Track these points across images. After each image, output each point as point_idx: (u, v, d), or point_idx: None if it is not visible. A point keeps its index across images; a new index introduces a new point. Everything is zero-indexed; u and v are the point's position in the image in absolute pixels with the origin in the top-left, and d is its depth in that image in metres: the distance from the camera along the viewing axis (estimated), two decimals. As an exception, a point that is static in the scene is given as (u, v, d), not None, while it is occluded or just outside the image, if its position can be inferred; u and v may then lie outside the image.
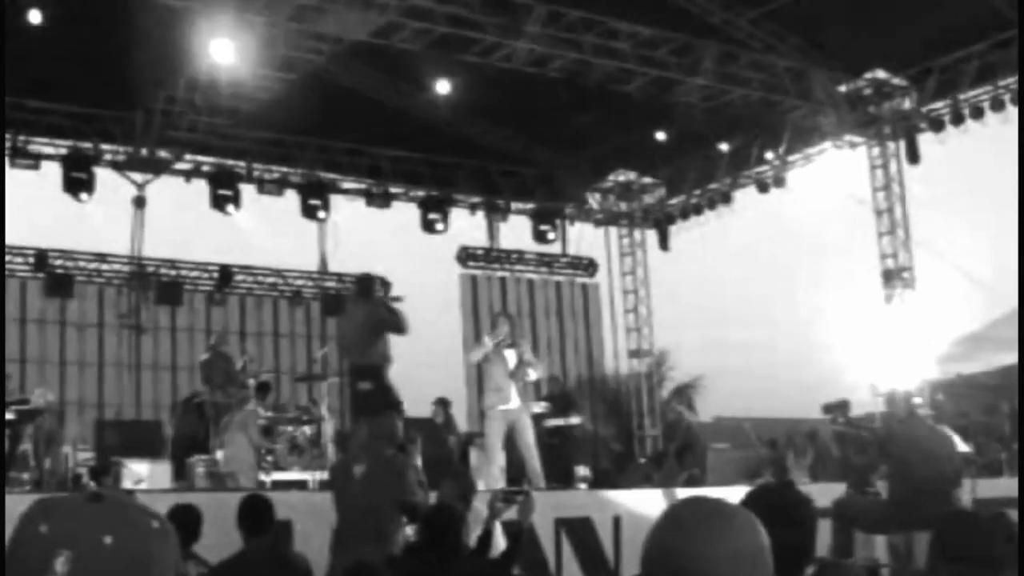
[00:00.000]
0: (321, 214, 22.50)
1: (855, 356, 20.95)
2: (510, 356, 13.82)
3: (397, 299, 13.13)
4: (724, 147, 21.70)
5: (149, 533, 2.03)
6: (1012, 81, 19.42)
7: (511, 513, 8.87)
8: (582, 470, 18.71)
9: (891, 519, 9.78)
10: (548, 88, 18.72)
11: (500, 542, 8.80)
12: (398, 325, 12.41)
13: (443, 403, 19.53)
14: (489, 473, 13.64)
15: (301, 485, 15.14)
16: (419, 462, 11.02)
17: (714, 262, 35.84)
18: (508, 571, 8.15)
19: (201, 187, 21.06)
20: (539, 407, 17.99)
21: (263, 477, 15.16)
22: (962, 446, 16.60)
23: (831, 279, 31.45)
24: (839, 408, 17.37)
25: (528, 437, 13.80)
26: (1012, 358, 18.72)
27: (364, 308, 12.60)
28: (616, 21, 17.98)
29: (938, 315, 20.54)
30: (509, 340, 13.80)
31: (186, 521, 7.80)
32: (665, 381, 27.36)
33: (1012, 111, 19.57)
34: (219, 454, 15.34)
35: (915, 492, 9.88)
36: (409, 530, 9.01)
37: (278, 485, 14.62)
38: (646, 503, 12.46)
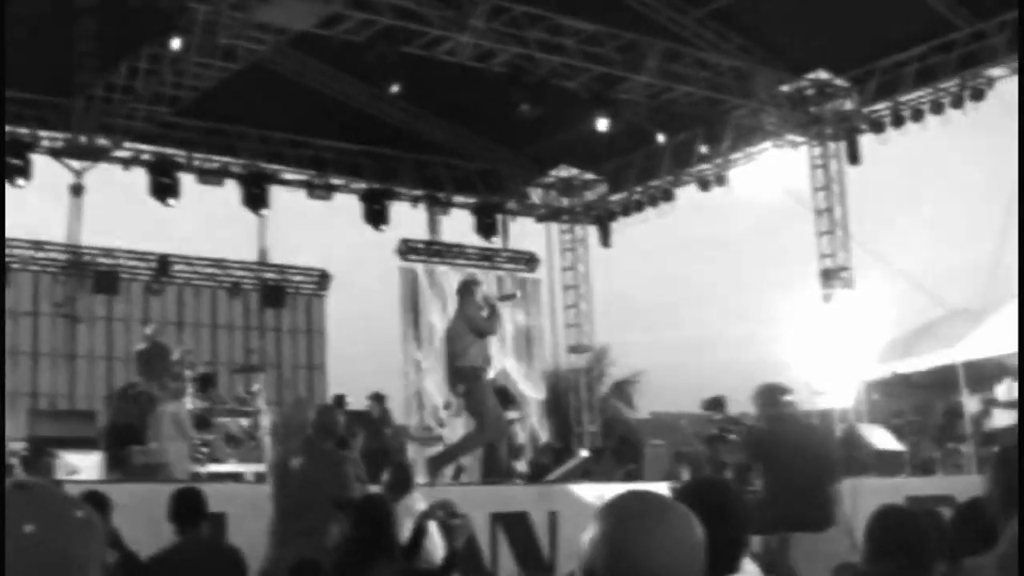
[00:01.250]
0: (262, 205, 22.30)
1: (796, 354, 21.11)
2: None
3: (508, 297, 14.00)
4: (661, 138, 21.66)
5: (72, 523, 2.01)
6: (952, 84, 19.76)
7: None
8: (519, 465, 18.65)
9: (764, 519, 9.34)
10: (492, 82, 18.70)
11: (436, 542, 8.79)
12: (478, 325, 13.17)
13: (379, 397, 19.68)
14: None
15: (236, 477, 15.30)
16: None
17: (656, 259, 36.09)
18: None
19: (140, 175, 20.77)
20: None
21: (198, 469, 15.27)
22: (895, 444, 16.84)
23: (772, 277, 31.63)
24: (716, 405, 17.44)
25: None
26: (946, 358, 19.02)
27: (460, 312, 13.43)
28: (561, 17, 18.00)
29: (875, 315, 20.67)
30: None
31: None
32: (605, 377, 27.45)
33: (952, 114, 19.90)
34: (153, 445, 15.23)
35: (787, 491, 9.71)
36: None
37: (213, 477, 14.79)
38: (583, 498, 12.53)
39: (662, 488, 8.98)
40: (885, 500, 12.55)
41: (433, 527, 8.66)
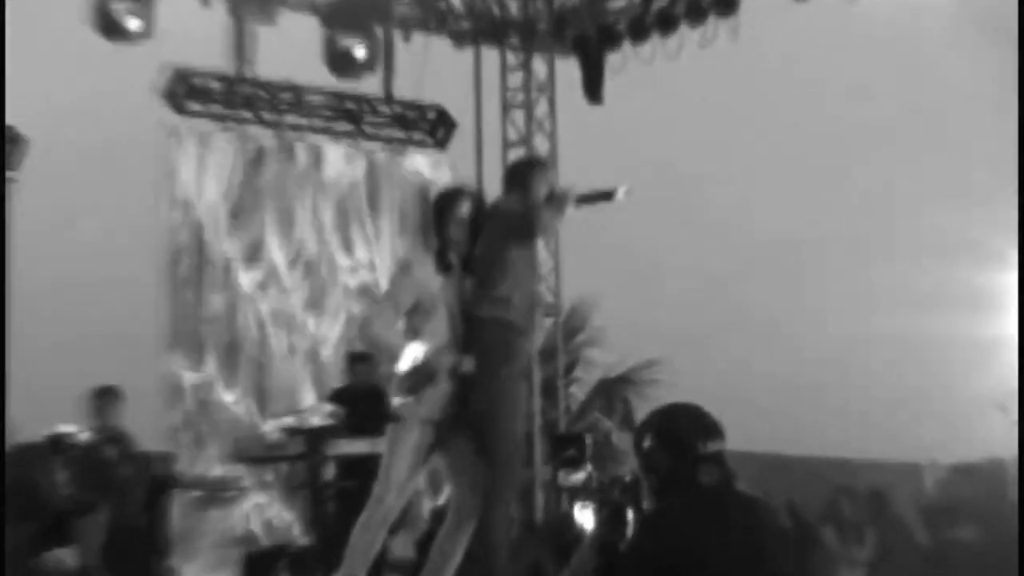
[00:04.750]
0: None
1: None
2: None
3: (601, 196, 10.54)
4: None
5: None
6: None
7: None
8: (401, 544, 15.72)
9: None
10: None
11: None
12: (521, 229, 10.48)
13: (106, 393, 15.12)
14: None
15: None
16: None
17: (683, 137, 29.20)
18: None
19: None
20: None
21: None
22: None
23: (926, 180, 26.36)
24: None
25: None
26: None
27: (500, 214, 10.61)
28: None
29: None
30: None
31: None
32: (578, 366, 22.32)
33: None
34: None
35: None
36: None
37: None
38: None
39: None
40: None
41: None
